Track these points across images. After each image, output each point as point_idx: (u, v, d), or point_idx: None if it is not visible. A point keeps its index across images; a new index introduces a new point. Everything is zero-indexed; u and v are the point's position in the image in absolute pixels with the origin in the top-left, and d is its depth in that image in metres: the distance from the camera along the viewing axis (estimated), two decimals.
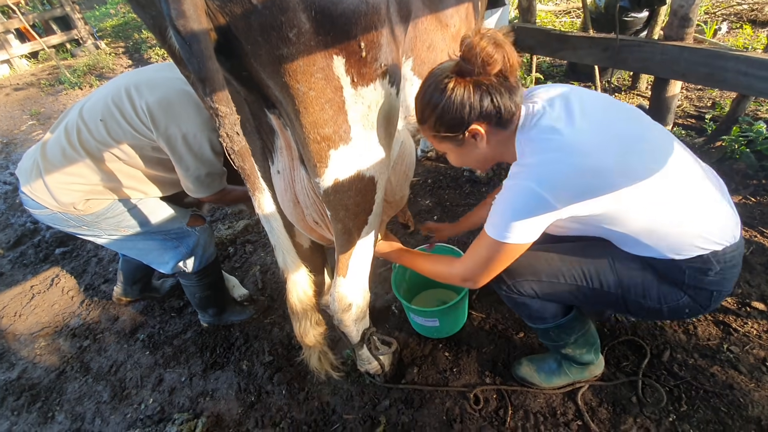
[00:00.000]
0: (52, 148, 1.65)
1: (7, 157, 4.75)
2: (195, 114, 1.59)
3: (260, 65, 0.87)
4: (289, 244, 1.16)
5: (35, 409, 2.02)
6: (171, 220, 1.84)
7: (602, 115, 1.10)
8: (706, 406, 1.50)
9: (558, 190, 1.03)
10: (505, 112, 1.06)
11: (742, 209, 2.26)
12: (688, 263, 1.16)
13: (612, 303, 1.30)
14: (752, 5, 4.50)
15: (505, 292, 1.36)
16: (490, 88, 1.03)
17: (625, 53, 2.82)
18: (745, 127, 2.50)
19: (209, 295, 2.07)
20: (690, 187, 1.14)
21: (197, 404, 1.89)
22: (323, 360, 1.45)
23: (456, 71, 1.04)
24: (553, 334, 1.45)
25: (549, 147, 1.05)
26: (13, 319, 2.58)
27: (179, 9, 0.73)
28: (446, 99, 1.04)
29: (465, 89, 1.02)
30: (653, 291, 1.23)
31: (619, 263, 1.25)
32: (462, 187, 2.88)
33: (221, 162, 1.72)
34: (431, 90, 1.07)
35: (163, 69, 1.72)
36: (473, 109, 1.04)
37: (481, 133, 1.09)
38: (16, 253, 3.16)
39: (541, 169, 1.04)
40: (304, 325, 1.34)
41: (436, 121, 1.09)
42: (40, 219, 1.75)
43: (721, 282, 1.19)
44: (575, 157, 1.02)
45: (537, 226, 1.08)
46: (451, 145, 1.16)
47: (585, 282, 1.27)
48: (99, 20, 9.74)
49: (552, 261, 1.30)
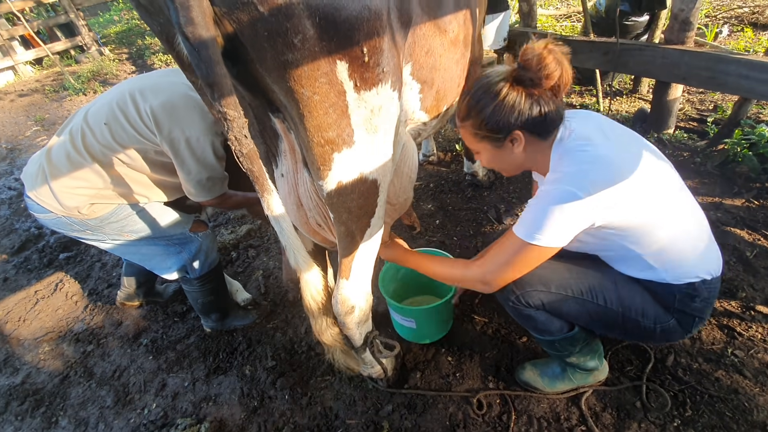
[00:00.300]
0: (57, 152, 1.66)
1: (11, 163, 4.78)
2: (199, 118, 1.60)
3: (266, 70, 0.89)
4: (300, 244, 1.15)
5: (39, 414, 2.03)
6: (174, 226, 1.85)
7: (623, 135, 1.20)
8: (710, 411, 1.49)
9: (596, 195, 1.07)
10: (549, 123, 1.12)
11: (745, 212, 2.25)
12: (680, 289, 1.23)
13: (611, 322, 1.33)
14: (753, 8, 4.51)
15: (512, 303, 1.35)
16: (540, 99, 1.09)
17: (626, 57, 2.83)
18: (748, 130, 2.51)
19: (212, 300, 2.07)
20: (695, 214, 1.23)
21: (200, 409, 1.89)
22: (347, 357, 1.48)
23: (513, 77, 1.09)
24: (559, 345, 1.45)
25: (585, 158, 1.11)
26: (18, 324, 2.58)
27: (188, 16, 0.74)
28: (498, 101, 1.09)
29: (518, 95, 1.09)
30: (650, 311, 1.29)
31: (621, 283, 1.31)
32: (464, 192, 2.88)
33: (223, 167, 1.73)
34: (483, 90, 1.12)
35: (168, 74, 1.74)
36: (521, 115, 1.10)
37: (521, 140, 1.14)
38: (21, 258, 3.17)
39: (581, 175, 1.09)
40: (320, 323, 1.36)
41: (482, 121, 1.14)
42: (44, 223, 1.76)
43: (703, 309, 1.27)
44: (610, 167, 1.09)
45: (569, 229, 1.11)
46: (488, 146, 1.20)
47: (590, 297, 1.30)
48: (103, 27, 9.83)
49: (562, 273, 1.32)
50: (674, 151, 2.80)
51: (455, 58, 1.38)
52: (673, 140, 2.88)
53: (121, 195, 1.73)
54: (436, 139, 3.52)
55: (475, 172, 2.86)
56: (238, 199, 1.87)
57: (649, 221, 1.14)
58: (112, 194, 1.70)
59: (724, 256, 1.99)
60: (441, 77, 1.35)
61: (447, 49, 1.31)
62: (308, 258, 1.20)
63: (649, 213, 1.13)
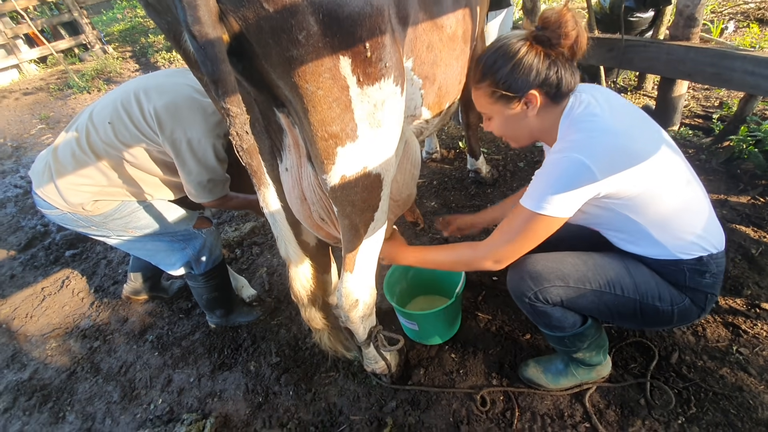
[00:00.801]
0: (63, 150, 1.68)
1: (17, 161, 4.81)
2: (201, 120, 1.61)
3: (271, 66, 0.89)
4: (291, 236, 1.21)
5: (47, 409, 2.05)
6: (178, 222, 1.87)
7: (629, 109, 1.22)
8: (715, 409, 1.49)
9: (602, 163, 1.08)
10: (564, 86, 1.14)
11: (750, 210, 2.24)
12: (689, 265, 1.23)
13: (629, 313, 1.32)
14: (759, 4, 4.47)
15: (528, 300, 1.32)
16: (558, 60, 1.11)
17: (631, 53, 2.81)
18: (753, 126, 2.49)
19: (216, 296, 2.09)
20: (695, 186, 1.24)
21: (205, 405, 1.90)
22: (333, 339, 1.52)
23: (533, 37, 1.11)
24: (568, 341, 1.44)
25: (593, 126, 1.12)
26: (25, 321, 2.61)
27: (195, 15, 0.76)
28: (517, 60, 1.11)
29: (537, 55, 1.11)
30: (665, 293, 1.28)
31: (633, 268, 1.30)
32: (467, 189, 2.88)
33: (224, 169, 1.74)
34: (501, 50, 1.13)
35: (173, 75, 1.75)
36: (539, 74, 1.11)
37: (535, 101, 1.15)
38: (27, 256, 3.20)
39: (587, 142, 1.10)
40: (310, 311, 1.41)
41: (499, 79, 1.14)
42: (51, 219, 1.79)
43: (714, 285, 1.27)
44: (617, 136, 1.10)
45: (576, 199, 1.11)
46: (501, 108, 1.20)
47: (608, 288, 1.29)
48: (106, 25, 9.86)
49: (578, 267, 1.31)
50: (679, 147, 2.77)
51: (455, 54, 1.38)
52: (678, 137, 2.86)
53: (125, 192, 1.74)
54: (440, 136, 3.51)
55: (479, 169, 2.86)
56: (240, 201, 1.89)
57: (652, 191, 1.14)
58: (115, 191, 1.72)
59: (730, 254, 2.00)
60: (443, 73, 1.35)
61: (446, 45, 1.32)
62: (299, 249, 1.25)
63: (652, 183, 1.13)
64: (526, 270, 1.32)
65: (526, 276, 1.31)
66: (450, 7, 1.30)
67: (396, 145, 1.16)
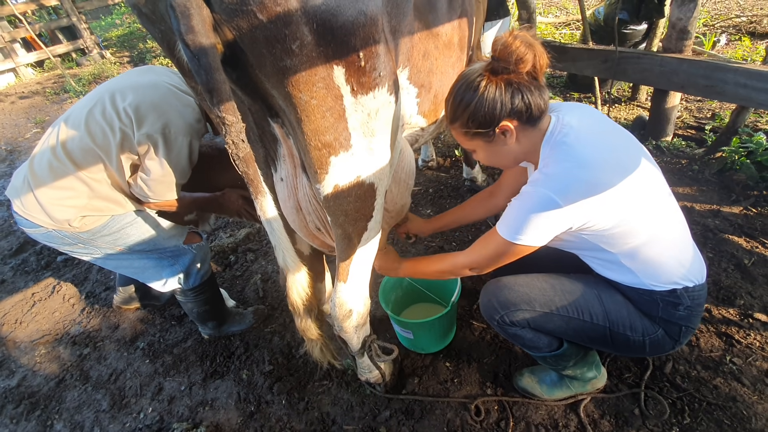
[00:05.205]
0: (39, 162, 1.60)
1: (11, 165, 4.78)
2: (178, 116, 1.58)
3: (264, 76, 0.89)
4: (289, 244, 1.21)
5: (34, 417, 2.01)
6: (168, 239, 1.82)
7: (607, 131, 1.18)
8: (709, 419, 1.49)
9: (570, 199, 1.07)
10: (534, 109, 1.11)
11: (743, 220, 2.26)
12: (663, 297, 1.23)
13: (599, 338, 1.33)
14: (751, 17, 4.55)
15: (497, 322, 1.38)
16: (521, 86, 1.08)
17: (625, 65, 2.85)
18: (745, 138, 2.52)
19: (207, 309, 2.06)
20: (674, 216, 1.22)
21: (196, 414, 1.88)
22: (325, 351, 1.51)
23: (489, 70, 1.10)
24: (551, 360, 1.45)
25: (565, 157, 1.10)
26: (14, 327, 2.57)
27: (188, 24, 0.76)
28: (479, 96, 1.09)
29: (497, 87, 1.08)
30: (637, 323, 1.29)
31: (606, 296, 1.31)
32: (463, 197, 2.89)
33: (190, 170, 1.70)
34: (463, 89, 1.12)
35: (146, 72, 1.70)
36: (504, 105, 1.09)
37: (511, 130, 1.14)
38: (18, 261, 3.16)
39: (557, 177, 1.09)
40: (306, 321, 1.40)
41: (468, 118, 1.14)
42: (35, 238, 1.70)
43: (689, 318, 1.26)
44: (588, 170, 1.08)
45: (547, 231, 1.12)
46: (481, 142, 1.20)
47: (576, 314, 1.31)
48: (104, 30, 9.88)
49: (546, 291, 1.33)
50: (672, 158, 2.81)
51: (451, 61, 1.39)
52: (671, 148, 2.89)
53: (111, 206, 1.66)
54: (436, 144, 3.53)
55: (474, 177, 2.87)
56: (187, 201, 1.87)
57: (625, 226, 1.14)
58: (102, 205, 1.64)
59: (722, 264, 2.01)
60: (439, 81, 1.36)
61: (442, 53, 1.33)
62: (296, 258, 1.24)
63: (625, 218, 1.12)
64: (494, 293, 1.38)
65: (494, 299, 1.37)
66: (445, 15, 1.31)
67: (390, 155, 1.16)
